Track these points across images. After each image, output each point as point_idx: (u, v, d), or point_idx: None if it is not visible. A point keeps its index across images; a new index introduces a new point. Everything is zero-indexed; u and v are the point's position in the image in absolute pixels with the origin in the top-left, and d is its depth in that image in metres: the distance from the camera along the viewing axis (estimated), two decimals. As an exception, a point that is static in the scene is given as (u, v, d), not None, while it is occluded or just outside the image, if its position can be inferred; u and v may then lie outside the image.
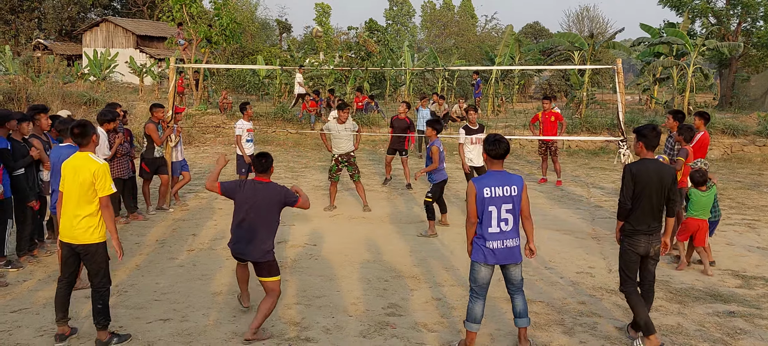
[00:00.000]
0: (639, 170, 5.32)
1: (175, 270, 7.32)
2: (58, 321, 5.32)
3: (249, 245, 5.50)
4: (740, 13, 31.33)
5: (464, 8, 62.96)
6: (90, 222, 5.13)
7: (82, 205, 5.11)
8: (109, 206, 5.18)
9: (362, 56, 31.45)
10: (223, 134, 19.69)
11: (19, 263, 7.22)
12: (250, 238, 5.49)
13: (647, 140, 5.39)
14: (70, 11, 51.97)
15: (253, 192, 5.55)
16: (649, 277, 5.53)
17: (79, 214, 5.11)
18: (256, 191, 5.55)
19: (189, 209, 10.53)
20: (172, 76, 10.65)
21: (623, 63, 9.48)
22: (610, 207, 11.14)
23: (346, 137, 10.39)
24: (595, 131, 18.69)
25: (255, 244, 5.48)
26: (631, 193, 5.31)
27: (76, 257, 5.27)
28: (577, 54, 24.33)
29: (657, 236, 5.41)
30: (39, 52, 41.73)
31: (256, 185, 5.59)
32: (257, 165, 5.67)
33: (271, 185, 5.60)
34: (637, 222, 5.32)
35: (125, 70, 34.63)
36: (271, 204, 5.53)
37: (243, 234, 5.53)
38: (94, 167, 5.11)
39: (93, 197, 5.12)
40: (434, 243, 8.64)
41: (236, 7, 29.96)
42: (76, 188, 5.11)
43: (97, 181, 5.09)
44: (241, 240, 5.54)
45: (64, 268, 5.33)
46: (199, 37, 21.68)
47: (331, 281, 6.98)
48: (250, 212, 5.49)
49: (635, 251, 5.37)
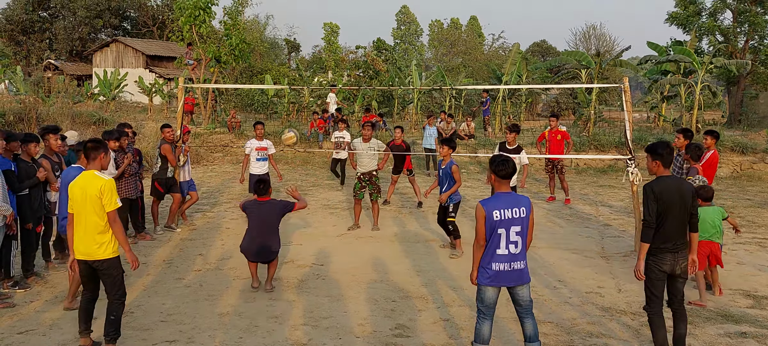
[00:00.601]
0: (661, 189, 5.26)
1: (182, 291, 7.30)
2: (81, 333, 5.53)
3: (259, 255, 7.21)
4: (747, 30, 31.34)
5: (471, 27, 63.18)
6: (103, 238, 5.29)
7: (94, 222, 5.26)
8: (116, 220, 5.33)
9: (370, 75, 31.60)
10: (231, 153, 19.75)
11: (25, 284, 7.23)
12: (260, 249, 7.15)
13: (663, 158, 5.35)
14: (80, 32, 52.54)
15: (258, 210, 7.18)
16: (679, 296, 5.43)
17: (91, 231, 5.27)
18: (260, 208, 7.19)
19: (196, 229, 10.54)
20: (180, 96, 10.73)
21: (631, 81, 9.45)
22: (618, 226, 11.06)
23: (369, 156, 10.40)
24: (604, 149, 18.62)
25: (264, 252, 7.17)
26: (655, 212, 5.26)
27: (94, 273, 5.43)
28: (585, 72, 24.33)
29: (683, 254, 5.34)
30: (49, 72, 42.16)
31: (259, 204, 7.22)
32: (257, 190, 7.25)
33: (271, 202, 7.23)
34: (663, 240, 5.25)
35: (134, 90, 34.90)
36: (272, 216, 7.19)
37: (254, 246, 7.16)
38: (100, 183, 5.26)
39: (102, 214, 5.26)
40: (442, 263, 8.60)
41: (246, 27, 30.18)
42: (86, 207, 5.25)
43: (103, 196, 5.23)
44: (253, 251, 7.19)
45: (86, 284, 5.56)
46: (208, 57, 21.84)
47: (339, 302, 6.95)
48: (258, 227, 7.14)
49: (661, 269, 5.29)
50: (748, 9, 31.01)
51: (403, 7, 66.32)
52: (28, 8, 52.99)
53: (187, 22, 21.30)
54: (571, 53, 25.99)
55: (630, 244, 9.53)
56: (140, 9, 57.07)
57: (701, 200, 7.24)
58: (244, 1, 24.50)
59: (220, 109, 27.15)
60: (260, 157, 10.95)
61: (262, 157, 11.02)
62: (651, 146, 5.48)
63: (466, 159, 18.63)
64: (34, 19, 53.52)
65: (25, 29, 52.33)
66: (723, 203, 13.07)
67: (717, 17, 32.85)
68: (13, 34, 51.90)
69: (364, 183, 10.42)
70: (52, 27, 53.84)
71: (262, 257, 7.25)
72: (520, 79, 26.36)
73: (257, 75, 38.48)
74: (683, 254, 5.34)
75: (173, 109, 27.26)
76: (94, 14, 52.69)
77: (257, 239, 7.12)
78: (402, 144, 12.93)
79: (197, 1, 21.22)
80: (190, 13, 21.12)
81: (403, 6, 66.58)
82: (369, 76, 31.41)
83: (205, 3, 21.40)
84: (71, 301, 6.48)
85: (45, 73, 40.39)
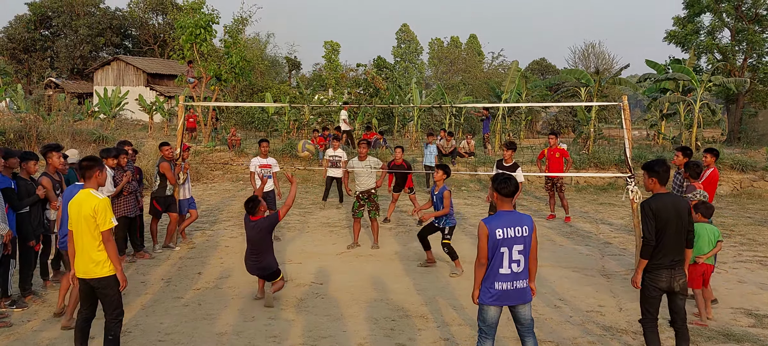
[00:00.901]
0: (658, 206, 5.29)
1: (180, 310, 7.26)
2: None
3: (258, 271, 7.47)
4: (746, 49, 31.48)
5: (471, 45, 63.50)
6: (99, 256, 5.29)
7: (90, 240, 5.27)
8: (110, 239, 5.33)
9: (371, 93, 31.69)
10: (231, 171, 19.76)
11: (23, 303, 7.20)
12: (256, 265, 7.43)
13: (660, 176, 5.39)
14: (82, 50, 52.81)
15: (250, 229, 7.38)
16: (681, 315, 5.43)
17: (87, 250, 5.28)
18: (252, 227, 7.37)
19: (195, 247, 10.50)
20: (180, 114, 10.76)
21: (630, 99, 9.47)
22: (619, 243, 11.03)
23: (367, 174, 10.40)
24: (603, 167, 18.62)
25: (262, 268, 7.41)
26: (653, 229, 5.27)
27: (92, 291, 5.42)
28: (584, 90, 24.40)
29: (680, 270, 5.35)
30: (50, 90, 42.31)
31: (251, 223, 7.39)
32: (248, 208, 7.39)
33: (260, 220, 7.38)
34: (660, 257, 5.29)
35: (135, 108, 35.00)
36: (263, 234, 7.36)
37: (251, 262, 7.46)
38: (95, 202, 5.27)
39: (96, 232, 5.27)
40: (442, 281, 8.56)
41: (246, 46, 30.34)
42: (82, 225, 5.27)
43: (97, 215, 5.24)
44: (250, 266, 7.50)
45: (84, 302, 5.54)
46: (208, 75, 21.92)
47: (338, 321, 6.91)
48: (252, 245, 7.39)
49: (657, 286, 5.31)
50: (746, 27, 31.18)
51: (403, 25, 66.75)
52: (29, 27, 53.35)
53: (188, 40, 21.41)
54: (571, 72, 26.09)
55: (631, 262, 9.50)
56: (141, 27, 57.44)
57: (701, 216, 7.22)
58: (245, 20, 24.46)
59: (221, 126, 27.24)
60: (266, 174, 10.89)
61: (270, 174, 10.98)
62: (647, 164, 5.51)
63: (466, 176, 18.63)
64: (36, 38, 53.86)
65: (26, 47, 52.62)
66: (724, 221, 13.06)
67: (715, 36, 33.01)
68: (14, 53, 52.18)
69: (362, 201, 10.42)
70: (53, 45, 54.13)
71: (261, 272, 7.48)
72: (519, 96, 26.43)
73: (258, 93, 38.61)
74: (680, 270, 5.35)
75: (174, 126, 27.30)
76: (96, 32, 53.03)
77: (252, 255, 7.44)
78: (402, 164, 12.94)
79: (198, 20, 21.34)
80: (191, 32, 21.23)
81: (403, 24, 67.03)
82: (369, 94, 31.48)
83: (206, 22, 21.52)
84: (69, 319, 6.45)
85: (46, 91, 40.53)
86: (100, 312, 5.52)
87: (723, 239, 7.50)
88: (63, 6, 53.30)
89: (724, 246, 10.76)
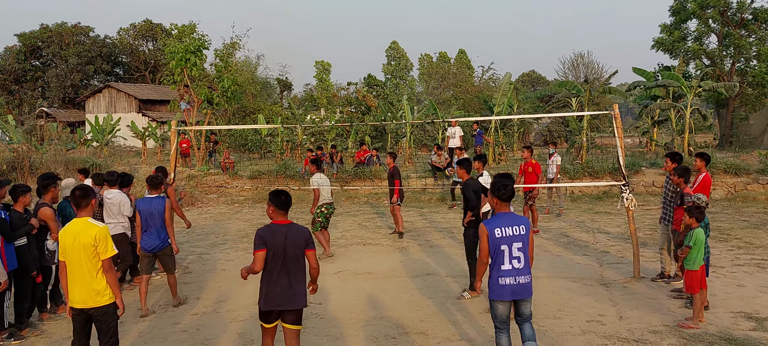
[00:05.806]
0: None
1: (178, 335, 7.20)
2: None
3: (287, 300, 5.63)
4: (733, 53, 31.75)
5: (461, 60, 63.83)
6: (100, 285, 5.22)
7: (90, 269, 5.17)
8: (111, 267, 5.28)
9: (362, 111, 31.79)
10: (225, 194, 19.70)
11: (20, 336, 7.12)
12: (289, 291, 5.61)
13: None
14: (73, 79, 52.87)
15: (280, 236, 5.56)
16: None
17: (87, 279, 5.18)
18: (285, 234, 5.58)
19: (192, 272, 10.44)
20: (173, 139, 10.72)
21: (621, 107, 9.53)
22: (616, 252, 11.03)
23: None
24: (598, 176, 18.67)
25: (295, 296, 5.70)
26: None
27: (88, 321, 5.35)
28: (575, 100, 24.53)
29: None
30: (42, 120, 42.21)
31: (280, 229, 5.64)
32: (278, 203, 5.66)
33: (296, 226, 5.74)
34: None
35: (128, 134, 34.93)
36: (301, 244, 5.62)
37: (283, 290, 5.63)
38: (95, 231, 5.17)
39: (96, 261, 5.18)
40: (440, 297, 8.52)
41: (237, 69, 30.42)
42: (79, 255, 5.16)
43: (98, 244, 5.16)
44: (282, 295, 5.64)
45: (78, 334, 5.41)
46: (200, 99, 21.93)
47: (337, 341, 6.86)
48: (289, 260, 5.54)
49: None
50: (732, 32, 31.48)
51: (392, 42, 67.12)
52: (20, 57, 53.40)
53: (178, 65, 21.46)
54: (562, 83, 26.26)
55: (629, 270, 9.49)
56: (132, 54, 57.56)
57: (696, 221, 7.20)
58: (236, 45, 24.62)
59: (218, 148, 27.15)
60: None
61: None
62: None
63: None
64: (27, 69, 53.92)
65: (17, 78, 52.65)
66: (719, 225, 13.10)
67: (702, 41, 33.31)
68: (5, 84, 52.19)
69: (329, 212, 11.16)
70: (44, 75, 54.18)
71: (294, 304, 6.10)
72: (511, 109, 26.53)
73: (250, 115, 38.66)
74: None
75: (167, 152, 27.25)
76: (86, 61, 53.12)
77: (282, 278, 5.78)
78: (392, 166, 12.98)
79: (188, 45, 21.41)
80: (181, 57, 21.29)
81: (392, 42, 67.39)
82: (361, 112, 31.59)
83: (196, 47, 21.59)
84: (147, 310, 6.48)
85: (38, 122, 40.44)
86: (94, 339, 5.45)
87: (719, 242, 7.54)
88: (52, 36, 53.40)
89: (722, 250, 10.78)
